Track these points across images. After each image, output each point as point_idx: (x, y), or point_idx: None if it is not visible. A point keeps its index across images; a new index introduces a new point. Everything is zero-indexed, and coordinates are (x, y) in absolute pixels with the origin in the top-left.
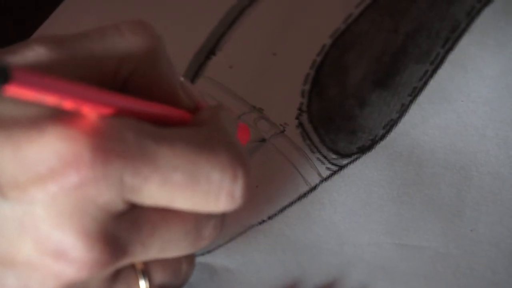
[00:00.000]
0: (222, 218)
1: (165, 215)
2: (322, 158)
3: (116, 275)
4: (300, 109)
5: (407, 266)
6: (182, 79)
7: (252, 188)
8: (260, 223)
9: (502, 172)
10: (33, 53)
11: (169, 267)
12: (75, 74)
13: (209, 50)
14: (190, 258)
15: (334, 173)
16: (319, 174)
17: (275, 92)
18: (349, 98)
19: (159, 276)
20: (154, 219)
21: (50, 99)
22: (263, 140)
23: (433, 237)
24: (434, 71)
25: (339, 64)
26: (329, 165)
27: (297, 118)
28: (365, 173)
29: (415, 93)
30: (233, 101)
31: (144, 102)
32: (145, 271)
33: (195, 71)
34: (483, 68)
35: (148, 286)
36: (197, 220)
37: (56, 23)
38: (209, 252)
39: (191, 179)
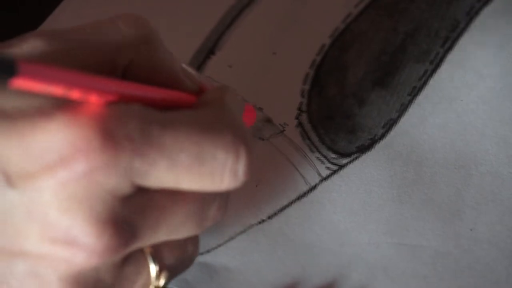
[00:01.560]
0: (225, 199)
1: (172, 197)
2: (321, 158)
3: (126, 260)
4: (299, 108)
5: (407, 266)
6: (183, 65)
7: (252, 186)
8: (260, 223)
9: (501, 172)
10: (29, 46)
11: (176, 249)
12: (71, 67)
13: (209, 50)
14: (195, 240)
15: (333, 172)
16: (319, 174)
17: (274, 91)
18: (349, 98)
19: (167, 259)
20: (161, 202)
21: (56, 90)
22: (268, 121)
23: (433, 236)
24: (434, 70)
25: (338, 63)
26: (329, 165)
27: (296, 117)
28: (364, 172)
29: (415, 92)
30: None
31: (148, 87)
32: (154, 254)
33: (195, 71)
34: (482, 68)
35: (158, 269)
36: (202, 201)
37: (58, 20)
38: (209, 251)
39: (197, 160)
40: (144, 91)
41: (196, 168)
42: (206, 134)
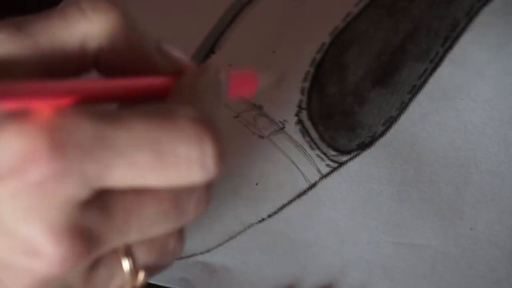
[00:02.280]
0: (206, 190)
1: (139, 196)
2: (321, 155)
3: (97, 263)
4: (299, 106)
5: (407, 265)
6: (164, 44)
7: (252, 185)
8: (259, 221)
9: (501, 170)
10: None
11: (154, 246)
12: (40, 60)
13: (209, 49)
14: (178, 234)
15: (333, 170)
16: (319, 171)
17: (274, 89)
18: (349, 96)
19: (144, 256)
20: (126, 202)
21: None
22: (279, 81)
23: (433, 235)
24: (434, 69)
25: (338, 62)
26: (329, 162)
27: (296, 115)
28: (364, 170)
29: (415, 91)
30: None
31: (110, 81)
32: (128, 253)
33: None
34: (482, 67)
35: (132, 267)
36: (175, 197)
37: None
38: (208, 251)
39: (157, 157)
40: (104, 86)
41: (158, 166)
42: (163, 128)
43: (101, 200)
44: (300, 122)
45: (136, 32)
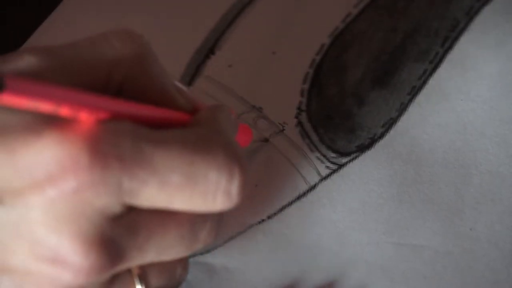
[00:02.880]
0: (217, 221)
1: (162, 218)
2: (321, 157)
3: (113, 280)
4: (299, 108)
5: (407, 266)
6: (176, 83)
7: (251, 187)
8: (259, 223)
9: (501, 171)
10: (24, 62)
11: (164, 270)
12: (66, 83)
13: (209, 49)
14: (184, 261)
15: (333, 172)
16: (319, 173)
17: (274, 91)
18: (348, 97)
19: (155, 280)
20: (151, 223)
21: (45, 106)
22: (265, 140)
23: (433, 236)
24: (434, 70)
25: (338, 63)
26: (329, 164)
27: (296, 117)
28: (364, 172)
29: (414, 92)
30: (232, 100)
31: (141, 105)
32: (142, 275)
33: (194, 70)
34: (482, 67)
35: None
36: (193, 223)
37: (54, 25)
38: (208, 251)
39: (189, 180)
40: (136, 108)
41: (188, 188)
42: (198, 153)
43: (129, 217)
44: (300, 124)
45: (157, 65)
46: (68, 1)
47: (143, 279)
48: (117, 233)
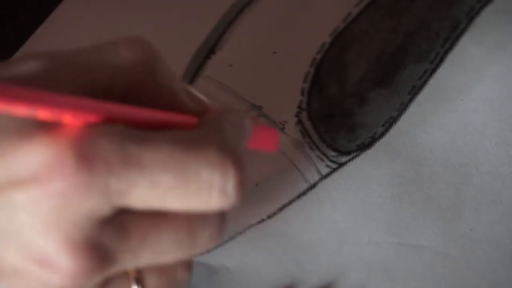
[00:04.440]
0: (220, 223)
1: (156, 221)
2: (321, 156)
3: (108, 283)
4: (299, 107)
5: (407, 266)
6: (191, 89)
7: (250, 186)
8: (259, 222)
9: (501, 171)
10: (28, 67)
11: (164, 274)
12: (68, 87)
13: (209, 49)
14: (186, 265)
15: (333, 170)
16: (319, 172)
17: (274, 90)
18: (349, 96)
19: (153, 282)
20: (144, 225)
21: (20, 110)
22: (300, 145)
23: (433, 236)
24: (434, 70)
25: (338, 62)
26: (329, 163)
27: (296, 115)
28: (364, 171)
29: (415, 91)
30: (232, 99)
31: (140, 109)
32: (139, 278)
33: (195, 70)
34: (482, 68)
35: None
36: (191, 226)
37: (54, 25)
38: (208, 251)
39: (180, 178)
40: (132, 112)
41: (180, 187)
42: (190, 152)
43: (119, 220)
44: (300, 122)
45: (167, 71)
46: (68, 1)
47: (140, 282)
48: (106, 236)
